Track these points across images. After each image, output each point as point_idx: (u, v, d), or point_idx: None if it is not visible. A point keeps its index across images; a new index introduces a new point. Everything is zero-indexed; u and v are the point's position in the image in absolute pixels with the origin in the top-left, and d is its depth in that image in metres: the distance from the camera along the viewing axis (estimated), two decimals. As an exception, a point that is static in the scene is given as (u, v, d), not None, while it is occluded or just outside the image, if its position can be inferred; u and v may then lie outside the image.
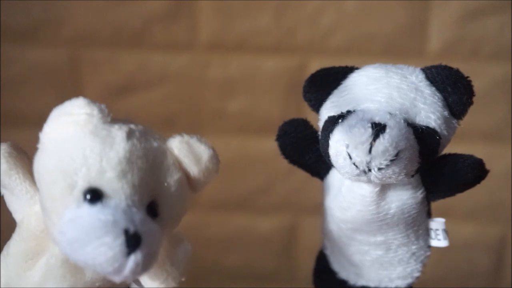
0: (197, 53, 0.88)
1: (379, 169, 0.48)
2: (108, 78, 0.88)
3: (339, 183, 0.54)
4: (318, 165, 0.55)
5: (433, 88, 0.52)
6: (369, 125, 0.48)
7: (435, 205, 0.56)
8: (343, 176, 0.51)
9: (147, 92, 0.88)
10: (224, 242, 0.93)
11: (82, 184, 0.43)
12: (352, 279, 0.58)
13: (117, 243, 0.41)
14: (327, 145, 0.50)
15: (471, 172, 0.52)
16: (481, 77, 0.87)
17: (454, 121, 0.53)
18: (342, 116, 0.51)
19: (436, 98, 0.52)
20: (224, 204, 0.92)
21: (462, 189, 0.53)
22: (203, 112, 0.89)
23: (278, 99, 0.88)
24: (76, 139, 0.44)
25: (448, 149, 0.53)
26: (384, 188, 0.52)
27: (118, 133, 0.45)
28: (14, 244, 0.48)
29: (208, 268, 0.94)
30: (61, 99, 0.47)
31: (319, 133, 0.53)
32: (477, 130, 0.87)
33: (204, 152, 0.47)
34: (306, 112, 0.57)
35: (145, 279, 0.48)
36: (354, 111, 0.51)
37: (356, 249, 0.56)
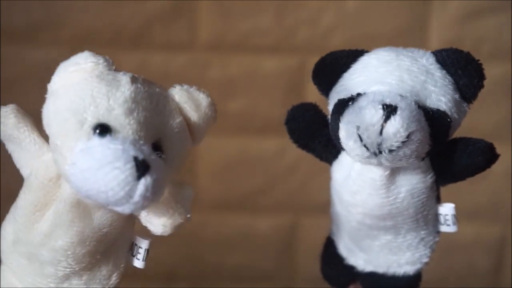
0: (197, 53, 0.88)
1: (390, 151, 0.48)
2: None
3: (349, 167, 0.54)
4: (327, 149, 0.55)
5: (444, 71, 0.52)
6: (380, 106, 0.48)
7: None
8: (353, 158, 0.51)
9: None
10: (224, 242, 0.93)
11: (91, 120, 0.45)
12: (360, 264, 0.58)
13: (127, 167, 0.43)
14: (337, 128, 0.50)
15: (481, 155, 0.52)
16: (481, 77, 0.86)
17: (465, 104, 0.52)
18: (352, 99, 0.51)
19: (447, 81, 0.52)
20: (224, 204, 0.92)
21: (472, 173, 0.53)
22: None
23: (278, 99, 0.88)
24: (84, 82, 0.47)
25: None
26: (394, 172, 0.52)
27: (123, 77, 0.48)
28: (22, 197, 0.50)
29: (208, 268, 0.94)
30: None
31: (329, 117, 0.53)
32: (477, 130, 0.87)
33: (203, 99, 0.50)
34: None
35: (152, 218, 0.49)
36: (364, 93, 0.51)
37: (365, 233, 0.55)
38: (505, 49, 0.86)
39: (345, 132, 0.49)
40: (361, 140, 0.48)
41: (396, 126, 0.47)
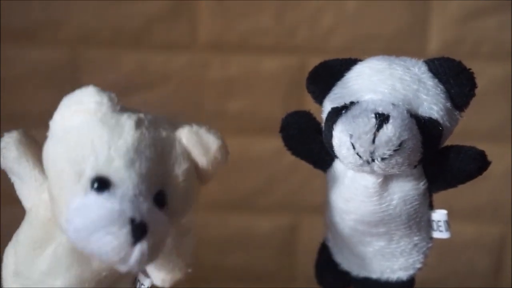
0: (197, 53, 0.88)
1: (383, 159, 0.49)
2: (108, 78, 0.88)
3: (342, 174, 0.54)
4: (321, 156, 0.55)
5: (436, 80, 0.53)
6: (373, 115, 0.49)
7: (435, 204, 0.56)
8: (346, 166, 0.52)
9: (147, 92, 0.88)
10: (224, 242, 0.93)
11: (89, 173, 0.43)
12: (354, 270, 0.58)
13: (122, 232, 0.41)
14: (331, 136, 0.51)
15: (473, 163, 0.52)
16: (481, 77, 0.86)
17: (457, 112, 0.53)
18: (345, 107, 0.51)
19: (439, 89, 0.52)
20: (224, 204, 0.92)
21: (464, 180, 0.53)
22: (203, 112, 0.89)
23: (278, 99, 0.88)
24: (85, 127, 0.44)
25: (448, 149, 0.54)
26: (386, 179, 0.53)
27: (127, 122, 0.45)
28: (23, 232, 0.48)
29: (208, 268, 0.94)
30: (61, 99, 0.47)
31: (322, 124, 0.53)
32: (477, 130, 0.87)
33: (213, 142, 0.47)
34: (306, 112, 0.57)
35: (151, 269, 0.48)
36: (357, 102, 0.51)
37: (358, 240, 0.56)
38: (505, 49, 0.86)
39: (338, 140, 0.50)
40: (354, 148, 0.49)
41: (388, 135, 0.48)
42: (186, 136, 0.47)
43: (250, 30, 0.87)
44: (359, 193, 0.53)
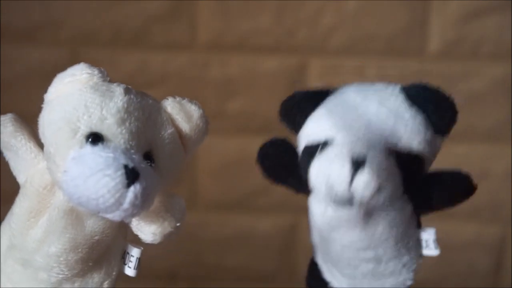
0: (197, 53, 0.88)
1: (361, 202, 0.48)
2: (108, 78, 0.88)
3: (325, 203, 0.52)
4: (302, 185, 0.53)
5: (414, 109, 0.51)
6: (348, 159, 0.47)
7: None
8: (326, 204, 0.51)
9: (147, 92, 0.88)
10: (224, 242, 0.93)
11: (84, 129, 0.47)
12: None
13: (117, 174, 0.44)
14: (308, 174, 0.50)
15: (458, 189, 0.52)
16: (481, 77, 0.87)
17: (439, 139, 0.51)
18: (320, 146, 0.50)
19: (418, 120, 0.50)
20: (224, 204, 0.92)
21: (451, 206, 0.53)
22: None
23: (278, 99, 0.88)
24: (78, 93, 0.48)
25: (449, 149, 0.53)
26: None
27: (117, 88, 0.49)
28: (18, 204, 0.51)
29: (208, 268, 0.94)
30: (61, 99, 0.48)
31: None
32: (477, 130, 0.87)
33: (194, 110, 0.51)
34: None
35: (142, 226, 0.49)
36: (333, 139, 0.50)
37: (346, 263, 0.55)
38: (505, 49, 0.86)
39: (315, 183, 0.49)
40: (331, 192, 0.48)
41: (364, 180, 0.47)
42: (170, 105, 0.51)
43: (250, 30, 0.87)
44: (343, 224, 0.52)
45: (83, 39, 0.87)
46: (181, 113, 0.50)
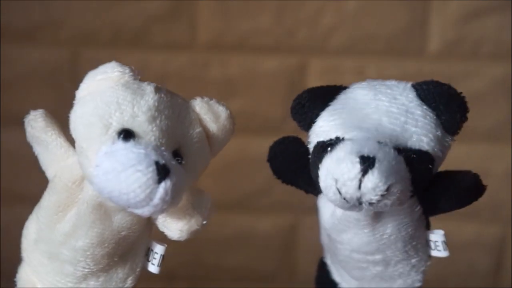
0: (197, 53, 0.88)
1: (370, 203, 0.47)
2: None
3: (333, 206, 0.52)
4: (312, 184, 0.52)
5: (425, 107, 0.51)
6: (357, 160, 0.46)
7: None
8: (335, 206, 0.50)
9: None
10: (223, 242, 0.93)
11: (116, 125, 0.47)
12: None
13: (149, 170, 0.45)
14: (317, 174, 0.49)
15: (468, 191, 0.51)
16: (481, 77, 0.87)
17: (448, 138, 0.51)
18: (330, 144, 0.49)
19: (428, 118, 0.50)
20: (224, 204, 0.92)
21: (460, 207, 0.52)
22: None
23: (278, 99, 0.88)
24: (110, 90, 0.49)
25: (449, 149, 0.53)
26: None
27: (148, 87, 0.49)
28: (46, 198, 0.51)
29: (208, 268, 0.94)
30: (61, 99, 0.48)
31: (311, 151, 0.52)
32: (477, 130, 0.87)
33: (222, 111, 0.52)
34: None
35: (169, 222, 0.50)
36: (342, 138, 0.49)
37: (355, 265, 0.55)
38: (505, 49, 0.86)
39: (324, 184, 0.48)
40: (340, 193, 0.47)
41: (374, 181, 0.46)
42: (198, 104, 0.52)
43: (249, 30, 0.87)
44: (352, 225, 0.52)
45: (83, 39, 0.87)
46: (209, 113, 0.52)
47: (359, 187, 0.46)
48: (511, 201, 0.89)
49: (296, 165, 0.54)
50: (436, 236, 0.54)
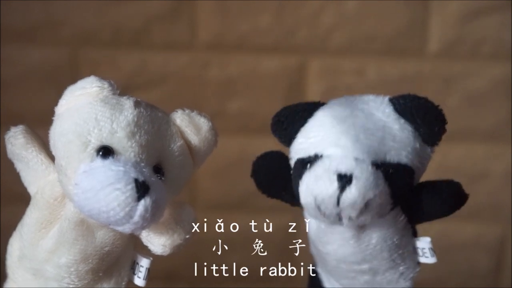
0: (197, 53, 0.88)
1: (350, 219, 0.48)
2: (108, 78, 0.88)
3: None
4: (296, 200, 0.53)
5: (402, 121, 0.51)
6: (335, 177, 0.47)
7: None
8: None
9: (147, 92, 0.88)
10: (224, 242, 0.93)
11: (94, 142, 0.47)
12: None
13: (128, 188, 0.45)
14: (298, 191, 0.50)
15: (450, 200, 0.51)
16: (481, 77, 0.86)
17: (428, 150, 0.51)
18: (309, 161, 0.50)
19: (406, 132, 0.51)
20: (224, 204, 0.92)
21: (444, 215, 0.52)
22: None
23: (278, 99, 0.88)
24: (89, 106, 0.48)
25: (449, 149, 0.53)
26: None
27: (127, 101, 0.49)
28: (28, 215, 0.51)
29: (208, 268, 0.94)
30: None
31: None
32: (477, 130, 0.87)
33: (203, 123, 0.52)
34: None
35: (152, 237, 0.50)
36: (321, 156, 0.50)
37: (344, 275, 0.55)
38: (505, 49, 0.86)
39: (304, 200, 0.49)
40: (319, 209, 0.48)
41: (351, 198, 0.47)
42: (179, 117, 0.51)
43: (249, 30, 0.87)
44: (336, 237, 0.53)
45: (83, 39, 0.87)
46: (190, 126, 0.51)
47: (338, 203, 0.47)
48: (511, 201, 0.89)
49: (280, 180, 0.55)
50: (423, 243, 0.54)
